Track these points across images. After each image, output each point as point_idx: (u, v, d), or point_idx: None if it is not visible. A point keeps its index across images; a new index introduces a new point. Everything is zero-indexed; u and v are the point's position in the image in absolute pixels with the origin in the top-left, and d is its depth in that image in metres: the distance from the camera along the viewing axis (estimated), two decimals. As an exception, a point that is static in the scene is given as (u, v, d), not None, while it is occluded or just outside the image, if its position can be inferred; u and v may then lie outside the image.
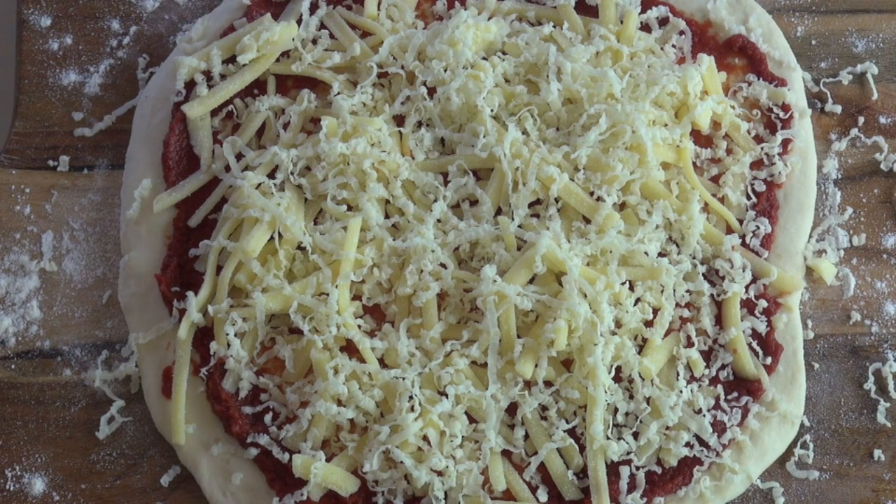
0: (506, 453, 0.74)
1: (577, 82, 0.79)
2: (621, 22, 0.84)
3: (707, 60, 0.81)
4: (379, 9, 0.86)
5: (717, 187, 0.81)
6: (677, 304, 0.77)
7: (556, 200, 0.78)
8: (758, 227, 0.80)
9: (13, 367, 0.82)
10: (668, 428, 0.74)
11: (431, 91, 0.82)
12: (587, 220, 0.77)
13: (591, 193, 0.77)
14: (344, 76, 0.84)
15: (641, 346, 0.76)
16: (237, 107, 0.85)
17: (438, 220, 0.78)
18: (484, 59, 0.82)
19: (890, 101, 0.86)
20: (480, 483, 0.72)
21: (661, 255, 0.78)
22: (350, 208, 0.79)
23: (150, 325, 0.81)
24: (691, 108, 0.80)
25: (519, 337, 0.74)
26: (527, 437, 0.74)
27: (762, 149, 0.82)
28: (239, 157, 0.82)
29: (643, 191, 0.78)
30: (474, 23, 0.83)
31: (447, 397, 0.72)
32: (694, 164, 0.81)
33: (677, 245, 0.78)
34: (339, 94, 0.82)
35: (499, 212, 0.79)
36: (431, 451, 0.72)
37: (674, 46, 0.84)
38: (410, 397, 0.72)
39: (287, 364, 0.76)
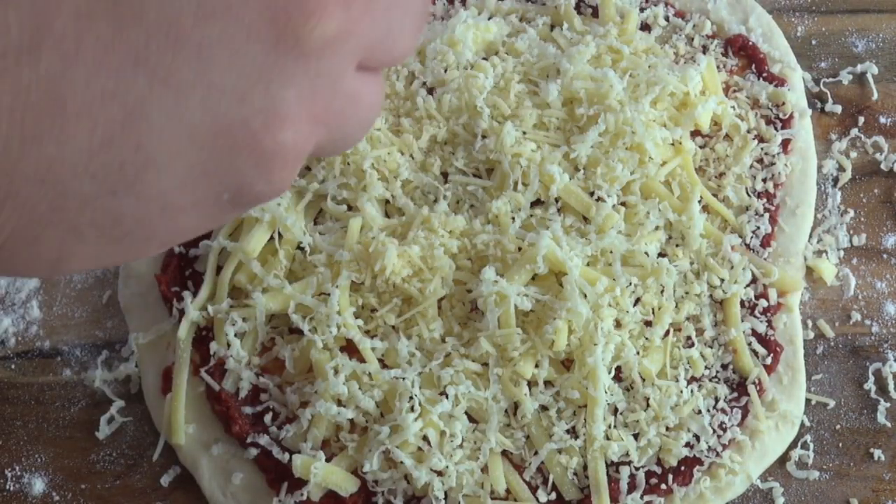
0: (506, 453, 0.74)
1: (578, 83, 0.79)
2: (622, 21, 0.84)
3: (706, 60, 0.81)
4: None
5: (717, 187, 0.81)
6: (677, 304, 0.77)
7: (556, 200, 0.78)
8: (758, 227, 0.80)
9: (13, 367, 0.82)
10: (668, 428, 0.74)
11: (431, 91, 0.82)
12: (587, 220, 0.77)
13: (591, 193, 0.77)
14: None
15: (642, 345, 0.76)
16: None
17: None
18: (484, 59, 0.83)
19: (890, 101, 0.86)
20: (480, 483, 0.72)
21: (661, 255, 0.78)
22: (350, 208, 0.79)
23: (150, 325, 0.81)
24: (691, 108, 0.80)
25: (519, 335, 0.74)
26: (527, 437, 0.74)
27: (762, 149, 0.82)
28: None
29: (643, 191, 0.78)
30: (474, 23, 0.83)
31: (447, 397, 0.72)
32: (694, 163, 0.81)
33: (678, 245, 0.78)
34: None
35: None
36: (431, 451, 0.72)
37: (673, 47, 0.85)
38: (410, 397, 0.72)
39: (287, 364, 0.76)
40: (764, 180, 0.81)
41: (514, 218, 0.76)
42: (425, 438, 0.72)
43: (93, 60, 0.28)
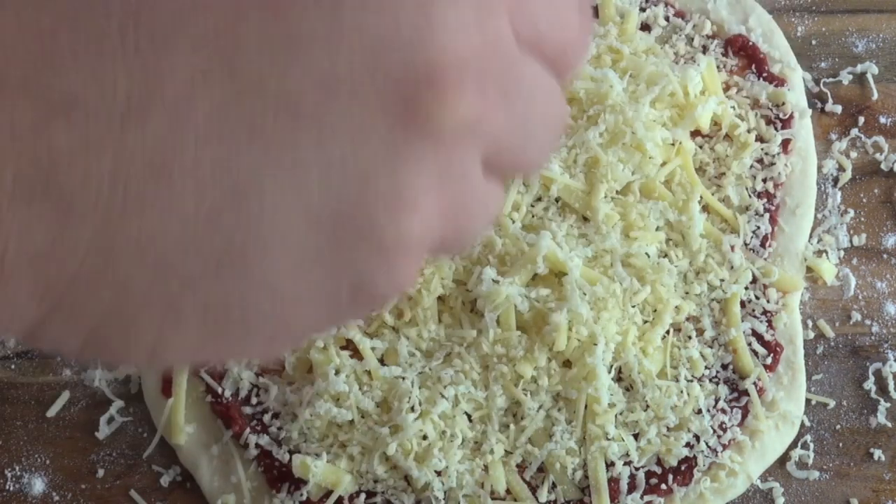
0: (506, 453, 0.74)
1: (578, 83, 0.79)
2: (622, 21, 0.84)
3: (706, 60, 0.81)
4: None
5: (717, 187, 0.81)
6: (677, 305, 0.77)
7: (556, 200, 0.78)
8: (758, 227, 0.80)
9: (13, 367, 0.82)
10: (668, 428, 0.74)
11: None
12: (587, 220, 0.77)
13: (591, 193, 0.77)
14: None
15: (642, 346, 0.76)
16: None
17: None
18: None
19: (890, 101, 0.86)
20: (480, 483, 0.72)
21: (661, 255, 0.78)
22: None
23: (150, 325, 0.81)
24: (691, 108, 0.80)
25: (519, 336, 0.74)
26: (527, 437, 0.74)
27: (762, 149, 0.82)
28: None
29: (643, 191, 0.78)
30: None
31: (446, 398, 0.72)
32: (694, 164, 0.81)
33: (677, 245, 0.78)
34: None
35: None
36: (431, 451, 0.72)
37: (673, 47, 0.85)
38: (410, 397, 0.72)
39: (287, 364, 0.76)
40: (764, 180, 0.81)
41: (513, 220, 0.76)
42: (425, 438, 0.72)
43: (205, 126, 0.26)
